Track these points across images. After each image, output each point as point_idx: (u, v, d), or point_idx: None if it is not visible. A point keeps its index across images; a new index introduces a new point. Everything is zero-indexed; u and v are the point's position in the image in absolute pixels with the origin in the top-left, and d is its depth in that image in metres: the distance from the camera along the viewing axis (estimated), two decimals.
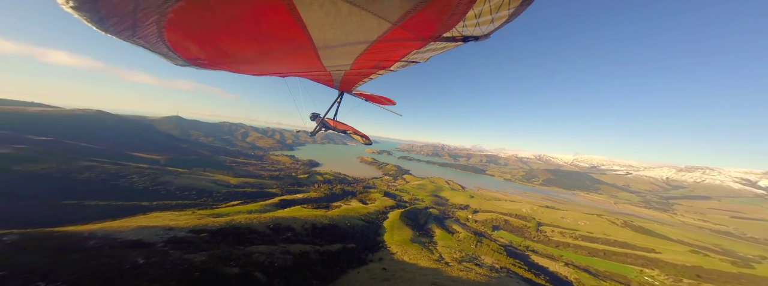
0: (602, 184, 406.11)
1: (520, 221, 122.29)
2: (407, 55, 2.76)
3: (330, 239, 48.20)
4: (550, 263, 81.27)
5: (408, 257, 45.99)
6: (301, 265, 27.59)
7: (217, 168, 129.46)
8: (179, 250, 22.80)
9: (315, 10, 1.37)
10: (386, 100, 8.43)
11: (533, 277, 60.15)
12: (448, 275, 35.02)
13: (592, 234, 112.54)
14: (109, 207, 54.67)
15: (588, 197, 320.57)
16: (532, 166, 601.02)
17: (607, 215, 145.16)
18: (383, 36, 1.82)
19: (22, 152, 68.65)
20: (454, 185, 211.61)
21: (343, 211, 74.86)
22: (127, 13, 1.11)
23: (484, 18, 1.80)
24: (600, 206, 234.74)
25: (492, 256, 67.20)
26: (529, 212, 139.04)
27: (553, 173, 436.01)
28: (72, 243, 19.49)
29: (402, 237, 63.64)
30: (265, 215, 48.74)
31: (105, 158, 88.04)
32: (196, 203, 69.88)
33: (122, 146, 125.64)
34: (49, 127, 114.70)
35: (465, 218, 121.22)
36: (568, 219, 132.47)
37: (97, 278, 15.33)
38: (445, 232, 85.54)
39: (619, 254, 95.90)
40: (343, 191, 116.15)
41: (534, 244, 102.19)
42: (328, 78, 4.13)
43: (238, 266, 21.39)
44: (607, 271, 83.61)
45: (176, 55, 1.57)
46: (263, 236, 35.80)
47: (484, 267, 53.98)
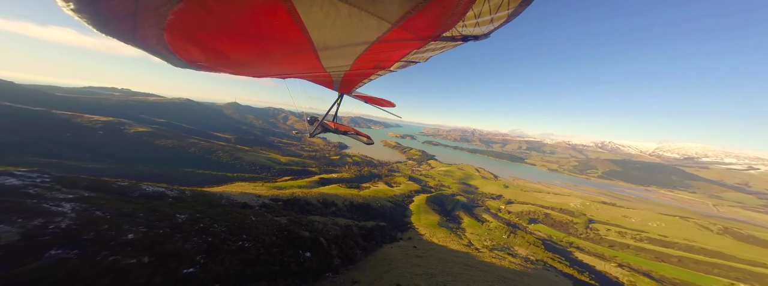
0: (699, 180, 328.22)
1: (565, 216, 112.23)
2: (407, 55, 2.82)
3: (365, 216, 53.87)
4: (597, 262, 74.61)
5: (436, 239, 47.96)
6: (347, 236, 32.89)
7: (269, 147, 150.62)
8: (269, 213, 29.40)
9: (315, 12, 1.39)
10: (386, 102, 8.69)
11: (576, 273, 57.25)
12: (480, 260, 35.09)
13: (665, 238, 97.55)
14: (210, 175, 74.28)
15: (671, 195, 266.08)
16: (590, 155, 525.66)
17: (697, 219, 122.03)
18: (383, 37, 1.87)
19: (155, 130, 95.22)
20: (486, 173, 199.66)
21: (372, 192, 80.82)
22: (127, 15, 1.12)
23: (483, 18, 1.86)
24: (688, 208, 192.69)
25: (527, 248, 65.41)
26: (578, 207, 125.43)
27: (620, 164, 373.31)
28: (213, 200, 27.41)
29: (429, 220, 65.49)
30: (313, 190, 56.72)
31: (198, 136, 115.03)
32: (260, 176, 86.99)
33: (205, 127, 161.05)
34: (162, 112, 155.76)
35: (497, 208, 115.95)
36: (634, 219, 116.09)
37: (237, 226, 21.55)
38: (473, 220, 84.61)
39: (703, 263, 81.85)
40: (371, 174, 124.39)
41: (579, 241, 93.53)
42: (328, 79, 4.16)
43: (307, 230, 27.24)
44: (676, 278, 73.09)
45: (177, 58, 1.63)
46: (316, 208, 42.89)
47: (518, 257, 53.32)
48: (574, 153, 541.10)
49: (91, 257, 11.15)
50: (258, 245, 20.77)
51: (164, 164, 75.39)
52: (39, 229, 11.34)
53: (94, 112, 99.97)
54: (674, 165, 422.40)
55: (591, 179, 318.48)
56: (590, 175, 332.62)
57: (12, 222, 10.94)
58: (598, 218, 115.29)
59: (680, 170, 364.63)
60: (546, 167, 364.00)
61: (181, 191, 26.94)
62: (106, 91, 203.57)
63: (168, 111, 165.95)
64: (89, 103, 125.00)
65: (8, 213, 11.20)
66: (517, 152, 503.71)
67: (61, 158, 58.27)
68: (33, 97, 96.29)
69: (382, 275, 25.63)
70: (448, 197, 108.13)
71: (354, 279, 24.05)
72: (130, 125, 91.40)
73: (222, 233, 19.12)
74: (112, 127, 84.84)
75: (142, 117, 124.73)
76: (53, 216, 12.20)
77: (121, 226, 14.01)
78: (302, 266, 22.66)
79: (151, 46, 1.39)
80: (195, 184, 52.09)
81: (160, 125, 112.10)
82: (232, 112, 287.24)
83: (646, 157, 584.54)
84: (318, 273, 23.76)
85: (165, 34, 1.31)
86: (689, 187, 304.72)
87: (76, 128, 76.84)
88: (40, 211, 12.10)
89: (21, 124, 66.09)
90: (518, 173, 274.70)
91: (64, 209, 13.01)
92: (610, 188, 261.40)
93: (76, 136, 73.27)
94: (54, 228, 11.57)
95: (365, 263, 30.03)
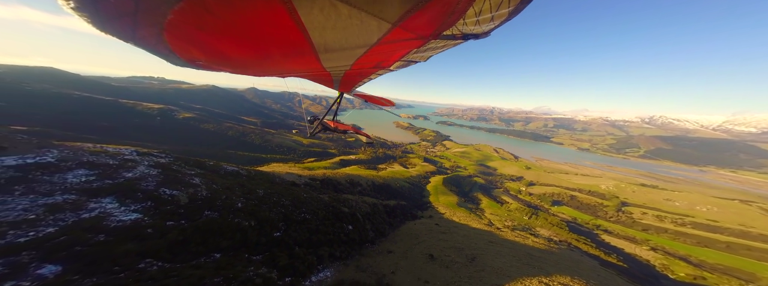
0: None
1: (594, 198, 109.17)
2: (407, 54, 2.93)
3: (387, 196, 59.36)
4: (627, 245, 74.64)
5: (457, 218, 51.74)
6: (375, 213, 38.54)
7: (291, 129, 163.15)
8: (313, 191, 35.26)
9: (315, 14, 1.41)
10: (386, 102, 8.93)
11: (602, 254, 57.61)
12: (504, 238, 37.64)
13: (715, 223, 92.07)
14: (249, 156, 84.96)
15: (733, 176, 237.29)
16: (632, 132, 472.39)
17: (762, 203, 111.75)
18: (384, 38, 1.92)
19: (197, 115, 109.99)
20: (505, 154, 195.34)
21: (389, 173, 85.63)
22: (128, 14, 1.13)
23: (484, 16, 1.93)
24: (754, 191, 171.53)
25: (550, 229, 67.35)
26: (610, 190, 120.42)
27: (670, 141, 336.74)
28: (270, 178, 33.60)
29: (448, 201, 69.51)
30: (339, 171, 63.17)
31: (231, 121, 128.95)
32: (288, 157, 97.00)
33: (233, 112, 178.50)
34: (195, 98, 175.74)
35: (517, 190, 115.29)
36: (679, 202, 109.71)
37: (297, 201, 27.01)
38: (492, 201, 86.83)
39: (758, 250, 77.00)
40: (385, 155, 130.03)
41: (608, 224, 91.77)
42: (328, 78, 4.27)
43: (346, 207, 33.17)
44: (719, 264, 70.79)
45: (176, 57, 1.66)
46: (346, 187, 49.08)
47: (541, 237, 55.92)
48: (612, 130, 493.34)
49: (226, 218, 16.92)
50: (315, 218, 26.63)
51: (212, 146, 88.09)
52: (193, 196, 17.21)
53: (145, 99, 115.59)
54: (745, 141, 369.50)
55: (630, 158, 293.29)
56: (629, 154, 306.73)
57: (180, 189, 16.83)
58: (634, 201, 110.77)
59: (752, 147, 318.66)
60: (575, 145, 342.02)
61: (247, 170, 33.61)
62: (146, 80, 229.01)
63: (200, 97, 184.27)
64: (137, 91, 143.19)
65: (175, 183, 17.08)
66: (542, 130, 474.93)
67: (140, 140, 71.04)
68: (97, 87, 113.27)
69: (413, 246, 30.72)
70: (464, 178, 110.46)
71: (389, 250, 29.50)
72: (177, 112, 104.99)
73: (289, 206, 24.97)
74: (165, 114, 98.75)
75: (182, 104, 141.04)
76: (195, 187, 17.99)
77: (231, 196, 19.88)
78: (348, 236, 28.52)
79: (151, 45, 1.43)
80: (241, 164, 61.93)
81: (199, 111, 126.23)
82: (253, 96, 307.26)
83: (708, 132, 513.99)
84: (360, 243, 29.57)
85: (165, 34, 1.34)
86: (761, 167, 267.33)
87: (141, 115, 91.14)
88: (186, 182, 17.94)
89: (102, 111, 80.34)
90: (542, 153, 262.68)
91: (196, 181, 18.77)
92: (652, 168, 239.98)
93: (143, 121, 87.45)
94: (200, 196, 17.40)
95: (394, 236, 35.32)
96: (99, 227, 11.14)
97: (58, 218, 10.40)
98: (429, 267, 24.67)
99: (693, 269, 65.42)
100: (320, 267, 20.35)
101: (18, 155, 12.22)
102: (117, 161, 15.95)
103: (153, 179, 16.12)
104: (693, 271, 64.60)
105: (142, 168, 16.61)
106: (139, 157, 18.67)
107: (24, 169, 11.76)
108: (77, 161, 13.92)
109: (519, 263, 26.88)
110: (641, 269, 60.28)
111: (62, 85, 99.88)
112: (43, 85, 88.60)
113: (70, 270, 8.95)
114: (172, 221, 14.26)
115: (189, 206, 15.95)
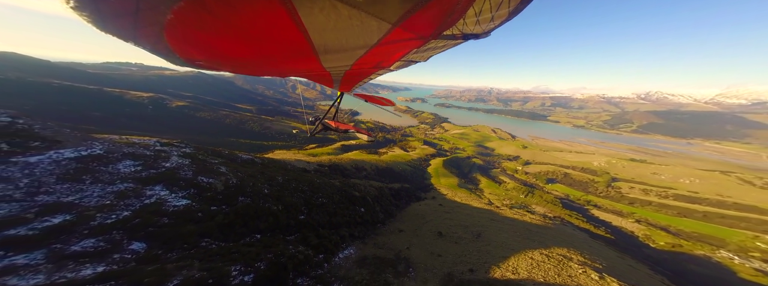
0: (761, 129, 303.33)
1: (586, 175, 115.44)
2: (407, 54, 2.99)
3: (390, 179, 61.95)
4: (614, 218, 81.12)
5: (458, 198, 55.09)
6: (382, 196, 40.87)
7: (288, 116, 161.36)
8: (323, 177, 37.02)
9: (315, 14, 1.42)
10: (386, 101, 9.03)
11: (592, 227, 63.50)
12: (503, 216, 40.83)
13: (696, 194, 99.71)
14: (251, 144, 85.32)
15: (717, 147, 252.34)
16: (627, 108, 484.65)
17: (740, 173, 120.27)
18: (384, 38, 1.93)
19: (190, 104, 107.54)
20: (502, 134, 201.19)
21: (391, 157, 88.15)
22: (128, 13, 1.14)
23: (484, 16, 1.98)
24: (734, 161, 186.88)
25: (544, 206, 72.48)
26: (601, 166, 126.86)
27: (662, 115, 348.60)
28: (282, 165, 34.93)
29: (449, 182, 72.98)
30: (342, 156, 65.01)
31: (226, 108, 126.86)
32: (290, 144, 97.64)
33: (225, 99, 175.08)
34: (182, 85, 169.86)
35: (514, 169, 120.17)
36: (664, 175, 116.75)
37: (313, 187, 28.24)
38: (491, 181, 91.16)
39: (731, 218, 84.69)
40: (386, 139, 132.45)
41: (598, 199, 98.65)
42: (328, 79, 4.34)
43: (356, 191, 35.19)
44: (695, 232, 78.06)
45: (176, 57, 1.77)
46: (352, 172, 51.10)
47: (537, 214, 60.62)
48: (608, 107, 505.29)
49: (257, 203, 18.55)
50: (331, 201, 28.60)
51: (211, 135, 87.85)
52: (226, 183, 18.62)
53: (130, 87, 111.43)
54: (735, 113, 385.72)
55: (623, 134, 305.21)
56: (622, 130, 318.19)
57: (214, 178, 18.17)
58: (623, 176, 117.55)
59: (740, 118, 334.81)
60: (571, 123, 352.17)
61: (260, 158, 34.88)
62: (124, 66, 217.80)
63: (187, 84, 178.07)
64: (117, 78, 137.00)
65: (208, 172, 18.36)
66: (540, 109, 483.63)
67: (137, 130, 70.23)
68: (75, 75, 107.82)
69: (421, 225, 33.39)
70: (463, 159, 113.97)
71: (399, 229, 32.05)
72: (169, 100, 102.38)
73: (307, 191, 26.73)
74: (157, 102, 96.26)
75: (171, 91, 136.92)
76: (224, 175, 19.31)
77: (257, 183, 21.37)
78: (362, 218, 30.85)
79: (151, 44, 1.44)
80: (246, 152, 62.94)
81: (191, 99, 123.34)
82: (243, 83, 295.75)
83: (700, 105, 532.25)
84: (372, 224, 32.04)
85: (165, 33, 1.34)
86: (744, 137, 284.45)
87: (132, 104, 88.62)
88: (216, 171, 19.21)
89: (89, 101, 77.88)
90: (538, 131, 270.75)
91: (223, 170, 20.04)
92: (643, 143, 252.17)
93: (135, 111, 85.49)
94: (231, 183, 18.82)
95: (402, 217, 37.90)
96: (161, 211, 12.55)
97: (128, 204, 11.71)
98: (439, 243, 27.40)
99: (672, 238, 72.39)
100: (344, 246, 22.64)
101: (72, 148, 13.10)
102: (151, 151, 16.93)
103: (188, 168, 17.29)
104: (672, 239, 71.59)
105: (175, 158, 17.65)
106: (169, 148, 19.57)
107: (83, 161, 12.74)
108: (121, 153, 14.90)
109: (520, 238, 29.81)
110: (626, 240, 66.61)
111: (36, 73, 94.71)
112: (17, 74, 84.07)
113: (153, 247, 10.50)
114: (215, 206, 15.78)
115: (225, 193, 17.40)
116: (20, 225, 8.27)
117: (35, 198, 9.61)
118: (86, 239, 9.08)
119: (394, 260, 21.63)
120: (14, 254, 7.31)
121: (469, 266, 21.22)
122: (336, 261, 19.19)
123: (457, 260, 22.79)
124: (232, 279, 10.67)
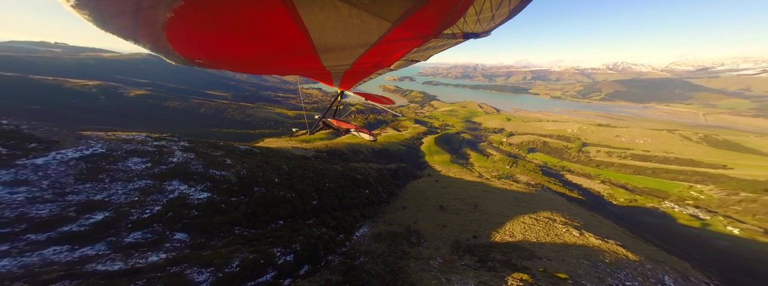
0: (700, 91, 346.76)
1: (561, 142, 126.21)
2: (407, 53, 3.02)
3: (387, 160, 63.46)
4: (584, 181, 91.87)
5: (452, 173, 59.12)
6: (382, 177, 42.29)
7: (270, 102, 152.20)
8: (324, 162, 37.21)
9: (315, 13, 1.44)
10: (386, 100, 9.13)
11: (567, 191, 71.86)
12: (494, 187, 44.72)
13: (647, 153, 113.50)
14: (236, 133, 79.77)
15: (667, 109, 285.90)
16: (597, 78, 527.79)
17: (683, 130, 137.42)
18: (384, 37, 1.94)
19: (152, 92, 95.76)
20: (488, 109, 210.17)
21: (385, 138, 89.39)
22: (129, 12, 1.14)
23: (484, 15, 1.99)
24: (679, 120, 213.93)
25: (527, 175, 79.57)
26: (574, 133, 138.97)
27: (626, 83, 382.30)
28: (282, 154, 34.23)
29: (442, 159, 76.88)
30: (337, 141, 64.74)
31: (196, 96, 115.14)
32: (278, 131, 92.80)
33: (192, 85, 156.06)
34: (133, 71, 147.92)
35: (499, 141, 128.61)
36: (624, 137, 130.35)
37: (318, 173, 28.75)
38: (479, 154, 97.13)
39: (672, 172, 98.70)
40: (377, 120, 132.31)
41: (571, 164, 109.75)
42: (327, 77, 4.27)
43: (358, 174, 36.07)
44: (645, 187, 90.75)
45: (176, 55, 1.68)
46: (350, 156, 51.61)
47: (521, 183, 66.87)
48: (581, 78, 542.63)
49: (272, 192, 18.86)
50: (337, 186, 29.39)
51: (187, 125, 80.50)
52: (238, 174, 18.50)
53: (62, 74, 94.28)
54: (683, 78, 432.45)
55: (593, 102, 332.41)
56: (592, 98, 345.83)
57: (227, 170, 17.94)
58: (591, 141, 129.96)
59: (686, 83, 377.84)
60: (549, 95, 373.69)
61: (258, 148, 34.09)
62: (40, 47, 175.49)
63: (138, 69, 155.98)
64: (38, 62, 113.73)
65: (216, 165, 18.00)
66: (521, 83, 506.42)
67: (99, 124, 61.87)
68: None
69: (423, 201, 35.68)
70: (453, 135, 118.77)
71: (403, 206, 34.05)
72: (124, 88, 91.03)
73: (313, 178, 27.16)
74: (109, 92, 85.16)
75: (120, 78, 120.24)
76: (232, 167, 19.05)
77: (266, 173, 21.40)
78: (368, 198, 32.25)
79: (151, 43, 1.45)
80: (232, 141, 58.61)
81: (151, 87, 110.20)
82: None
83: (656, 73, 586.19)
84: (378, 204, 33.66)
85: (165, 32, 1.36)
86: (688, 99, 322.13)
87: (77, 95, 77.38)
88: (224, 164, 18.83)
89: (18, 91, 66.24)
90: (520, 104, 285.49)
91: (229, 162, 19.68)
92: (609, 109, 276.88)
93: (84, 102, 75.09)
94: (242, 174, 18.73)
95: (403, 195, 40.08)
96: (187, 204, 12.57)
97: (155, 199, 11.57)
98: (442, 215, 29.85)
99: (629, 195, 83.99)
100: (358, 225, 24.04)
101: (73, 148, 12.12)
102: (152, 147, 16.02)
103: (196, 162, 16.80)
104: (629, 195, 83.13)
105: (179, 153, 16.95)
106: (166, 143, 18.55)
107: (90, 160, 11.96)
108: (123, 150, 14.01)
109: (511, 206, 33.20)
110: (594, 199, 76.16)
111: None
112: None
113: (195, 236, 10.79)
114: (234, 197, 15.91)
115: (239, 184, 17.43)
116: (68, 223, 8.22)
117: (66, 198, 9.33)
118: (133, 231, 9.22)
119: (405, 233, 23.55)
120: (80, 246, 7.38)
121: (473, 233, 23.73)
122: (355, 239, 20.57)
123: (461, 228, 25.28)
124: (278, 259, 11.46)
